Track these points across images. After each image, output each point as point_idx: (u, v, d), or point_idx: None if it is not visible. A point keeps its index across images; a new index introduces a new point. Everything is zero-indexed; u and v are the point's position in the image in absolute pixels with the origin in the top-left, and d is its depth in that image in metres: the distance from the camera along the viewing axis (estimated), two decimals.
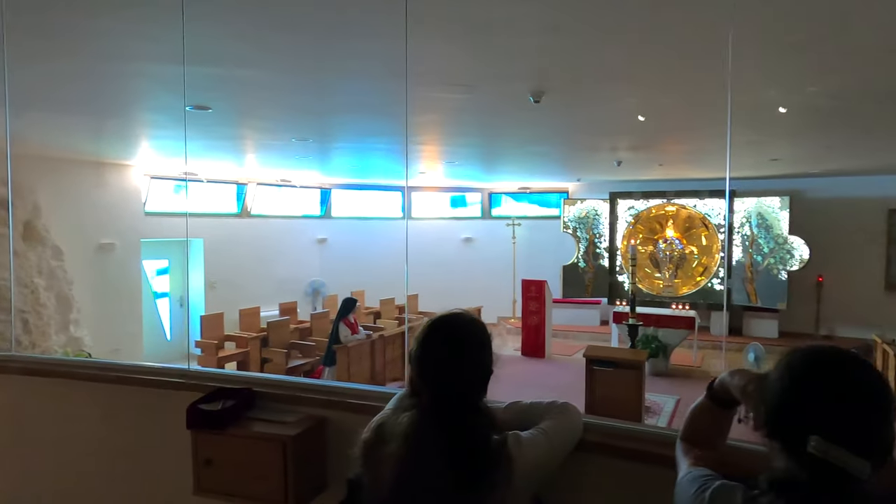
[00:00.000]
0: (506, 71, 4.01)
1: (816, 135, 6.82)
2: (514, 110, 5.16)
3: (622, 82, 4.35)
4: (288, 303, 10.31)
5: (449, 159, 9.21)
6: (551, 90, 4.35)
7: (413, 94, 4.85)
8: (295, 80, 4.27)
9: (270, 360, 7.91)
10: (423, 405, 1.35)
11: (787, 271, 10.55)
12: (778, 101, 5.00)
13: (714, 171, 10.24)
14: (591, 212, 12.31)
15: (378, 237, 13.11)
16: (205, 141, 7.09)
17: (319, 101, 4.98)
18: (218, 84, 4.35)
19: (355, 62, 3.81)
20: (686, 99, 4.93)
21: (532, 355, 10.27)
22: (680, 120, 5.97)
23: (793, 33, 3.21)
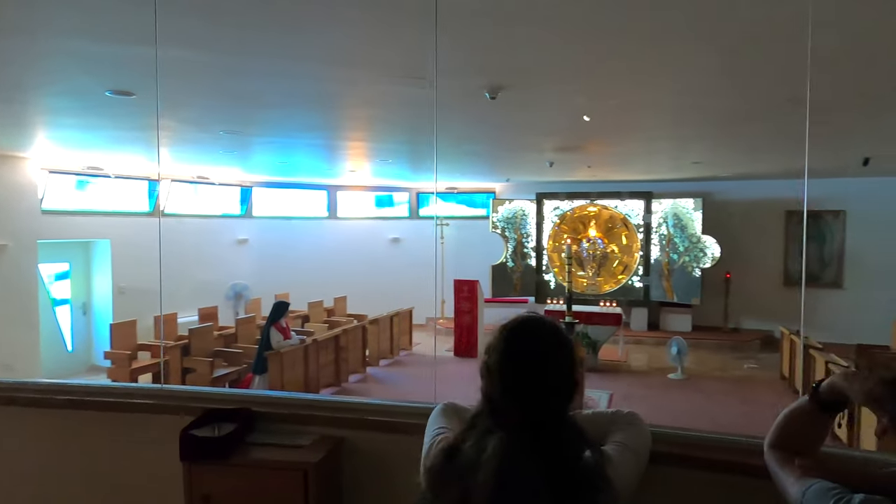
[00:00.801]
0: (461, 65, 3.90)
1: (732, 140, 7.26)
2: (464, 107, 5.06)
3: (571, 82, 4.36)
4: (208, 308, 9.65)
5: (381, 157, 8.98)
6: (506, 87, 4.28)
7: (353, 86, 4.64)
8: (235, 63, 3.90)
9: (194, 369, 7.34)
10: (510, 425, 1.18)
11: (700, 269, 11.20)
12: (697, 108, 5.24)
13: (638, 173, 10.71)
14: (519, 212, 12.49)
15: (302, 237, 12.63)
16: (117, 132, 6.46)
17: (258, 91, 4.64)
18: (144, 66, 3.89)
19: (294, 49, 3.53)
20: (625, 101, 5.04)
21: (465, 355, 10.23)
22: (615, 122, 6.11)
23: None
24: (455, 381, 8.75)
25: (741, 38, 3.29)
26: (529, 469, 1.11)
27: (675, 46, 3.49)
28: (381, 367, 9.57)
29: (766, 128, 6.20)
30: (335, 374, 8.26)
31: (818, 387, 1.25)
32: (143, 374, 7.97)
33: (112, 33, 3.27)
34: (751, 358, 10.40)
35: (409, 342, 10.87)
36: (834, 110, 5.11)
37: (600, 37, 3.35)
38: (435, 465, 1.22)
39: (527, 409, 1.19)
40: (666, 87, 4.52)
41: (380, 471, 1.39)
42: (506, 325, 1.30)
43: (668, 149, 8.15)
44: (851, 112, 5.26)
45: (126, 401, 1.62)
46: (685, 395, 7.96)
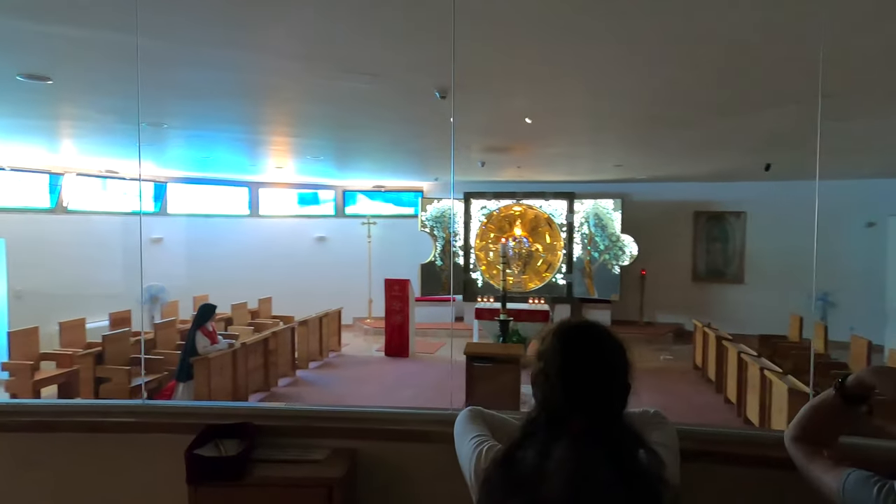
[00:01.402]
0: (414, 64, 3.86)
1: (649, 145, 7.68)
2: (408, 105, 5.01)
3: (507, 85, 4.42)
4: (120, 312, 8.98)
5: (312, 154, 8.73)
6: (457, 86, 4.28)
7: (290, 79, 4.48)
8: (165, 50, 3.61)
9: (109, 379, 6.79)
10: (575, 432, 1.16)
11: (619, 266, 11.76)
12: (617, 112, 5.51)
13: (562, 174, 11.07)
14: (448, 211, 12.56)
15: (222, 236, 12.04)
16: (17, 120, 5.86)
17: (190, 80, 4.35)
18: (64, 48, 3.54)
19: (229, 38, 3.33)
20: (554, 105, 5.19)
21: (396, 355, 10.17)
22: (545, 125, 6.28)
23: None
24: (388, 380, 8.70)
25: (658, 46, 3.48)
26: (605, 475, 1.11)
27: (595, 53, 3.63)
28: (311, 369, 9.31)
29: (679, 134, 6.60)
30: (264, 379, 7.94)
31: (844, 381, 1.33)
32: (46, 387, 7.29)
33: (27, 7, 2.94)
34: (665, 350, 11.05)
35: (338, 343, 10.65)
36: (727, 116, 5.52)
37: (531, 41, 3.42)
38: (493, 477, 1.18)
39: (592, 416, 1.18)
40: (589, 93, 4.69)
41: (399, 482, 1.33)
42: (559, 331, 1.29)
43: (591, 152, 8.50)
44: (753, 119, 5.69)
45: (106, 420, 1.45)
46: None
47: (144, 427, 1.42)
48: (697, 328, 9.33)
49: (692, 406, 7.49)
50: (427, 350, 10.73)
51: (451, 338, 11.42)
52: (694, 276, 12.51)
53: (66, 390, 7.56)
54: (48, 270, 8.86)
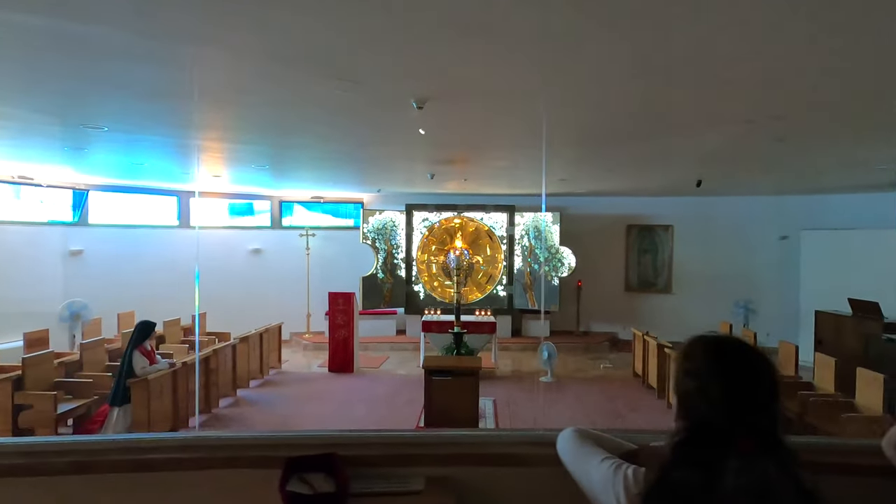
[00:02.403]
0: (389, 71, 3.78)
1: (593, 162, 7.98)
2: (379, 114, 4.92)
3: (465, 97, 4.42)
4: (36, 332, 8.17)
5: (253, 163, 8.38)
6: (433, 97, 4.25)
7: (257, 80, 4.28)
8: (107, 39, 3.29)
9: (30, 406, 6.13)
10: (745, 451, 1.12)
11: (558, 278, 12.07)
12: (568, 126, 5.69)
13: (503, 187, 11.25)
14: (389, 223, 12.44)
15: (149, 248, 11.30)
16: None
17: (127, 78, 4.03)
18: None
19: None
20: (510, 119, 5.26)
21: (340, 371, 9.89)
22: (495, 136, 6.35)
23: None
24: (337, 397, 8.42)
25: (609, 70, 3.63)
26: (787, 494, 1.09)
27: (552, 73, 3.73)
28: (252, 388, 8.87)
29: (623, 150, 6.90)
30: (205, 400, 7.47)
31: None
32: None
33: None
34: (603, 358, 11.42)
35: (278, 360, 10.23)
36: (664, 135, 5.85)
37: (498, 54, 3.44)
38: (659, 500, 1.13)
39: (761, 435, 1.15)
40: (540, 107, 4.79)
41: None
42: (709, 348, 1.25)
43: (537, 166, 8.69)
44: (681, 138, 6.03)
45: (158, 457, 1.26)
46: (559, 396, 8.49)
47: (208, 463, 1.25)
48: (637, 337, 9.70)
49: (638, 412, 7.76)
50: (371, 364, 10.52)
51: (407, 350, 11.29)
52: (626, 286, 13.05)
53: None
54: None
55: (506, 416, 7.46)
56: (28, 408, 6.15)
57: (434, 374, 6.57)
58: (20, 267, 9.09)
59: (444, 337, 9.84)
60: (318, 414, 7.59)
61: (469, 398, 6.51)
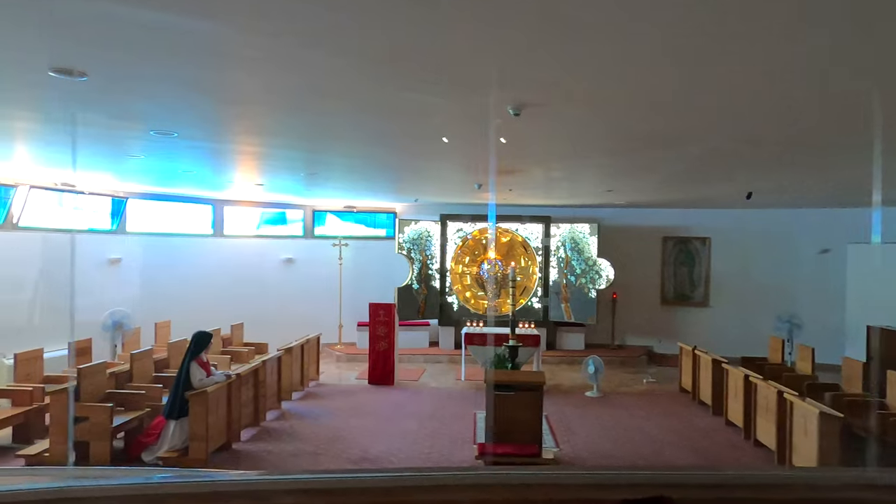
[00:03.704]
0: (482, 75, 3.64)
1: (645, 172, 7.82)
2: (459, 122, 4.79)
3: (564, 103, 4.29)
4: (81, 341, 8.05)
5: (310, 170, 8.25)
6: (530, 103, 4.11)
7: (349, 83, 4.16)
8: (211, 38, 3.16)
9: (86, 418, 5.98)
10: None
11: (595, 290, 11.90)
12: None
13: (545, 198, 11.09)
14: (425, 233, 12.31)
15: (184, 257, 11.20)
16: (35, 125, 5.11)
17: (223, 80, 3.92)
18: (102, 38, 3.01)
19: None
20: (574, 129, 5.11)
21: (380, 383, 9.71)
22: (562, 147, 6.21)
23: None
24: (385, 411, 8.22)
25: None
26: None
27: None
28: (295, 400, 8.70)
29: (681, 161, 6.74)
30: (254, 413, 7.31)
31: None
32: (2, 428, 6.36)
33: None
34: (642, 372, 11.21)
35: (316, 372, 10.06)
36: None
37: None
38: None
39: None
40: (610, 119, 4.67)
41: None
42: None
43: (590, 177, 8.55)
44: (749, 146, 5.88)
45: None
46: (612, 412, 8.29)
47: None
48: (684, 351, 9.50)
49: (697, 430, 7.55)
50: (409, 377, 10.34)
51: (458, 363, 11.11)
52: (662, 299, 12.85)
53: (23, 432, 6.65)
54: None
55: (563, 432, 7.27)
56: (83, 420, 5.99)
57: (498, 389, 6.39)
58: (62, 275, 8.97)
59: (486, 349, 9.67)
60: (369, 428, 7.40)
61: (533, 414, 6.32)
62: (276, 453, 6.41)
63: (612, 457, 6.44)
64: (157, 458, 6.01)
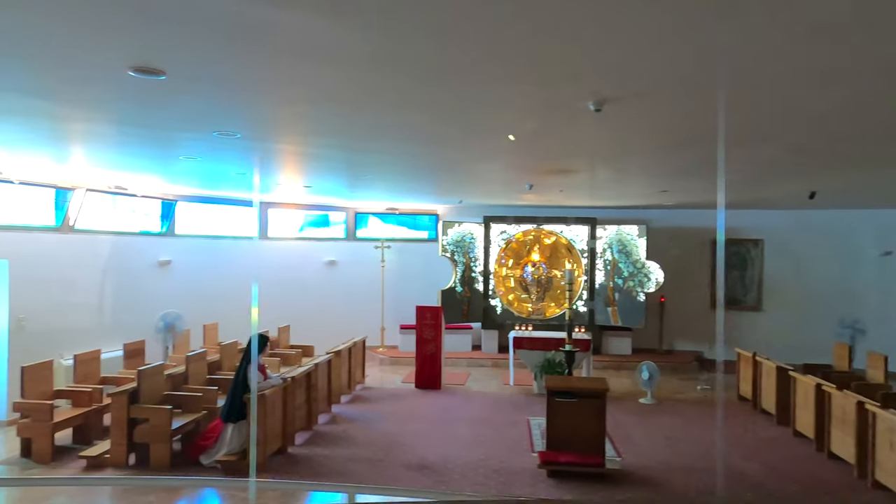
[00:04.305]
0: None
1: (702, 171, 7.50)
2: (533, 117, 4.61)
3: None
4: (134, 343, 8.11)
5: (360, 173, 8.17)
6: (612, 99, 3.92)
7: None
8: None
9: (145, 420, 5.97)
10: None
11: (644, 293, 11.58)
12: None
13: (590, 199, 10.83)
14: (468, 235, 12.17)
15: (230, 259, 11.25)
16: (121, 126, 5.08)
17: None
18: (180, 34, 2.92)
19: None
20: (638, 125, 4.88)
21: (427, 387, 9.59)
22: (622, 146, 5.98)
23: None
24: (435, 416, 8.06)
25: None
26: None
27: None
28: (343, 404, 8.63)
29: (750, 157, 6.42)
30: (307, 417, 7.25)
31: None
32: (63, 430, 6.40)
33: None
34: (693, 378, 10.86)
35: (362, 375, 9.99)
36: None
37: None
38: None
39: None
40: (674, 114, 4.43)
41: None
42: None
43: (642, 177, 8.28)
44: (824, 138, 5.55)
45: None
46: (668, 420, 8.01)
47: None
48: (742, 357, 9.15)
49: (763, 441, 7.22)
50: (455, 381, 10.19)
51: (510, 367, 10.94)
52: (712, 302, 12.45)
53: (83, 434, 6.70)
54: (51, 295, 7.95)
55: (621, 441, 7.02)
56: (143, 422, 6.00)
57: (557, 395, 6.20)
58: (115, 278, 9.08)
59: (535, 354, 9.48)
60: (422, 433, 7.27)
61: (595, 422, 6.11)
62: (333, 458, 6.32)
63: (677, 468, 6.18)
64: (215, 461, 5.97)
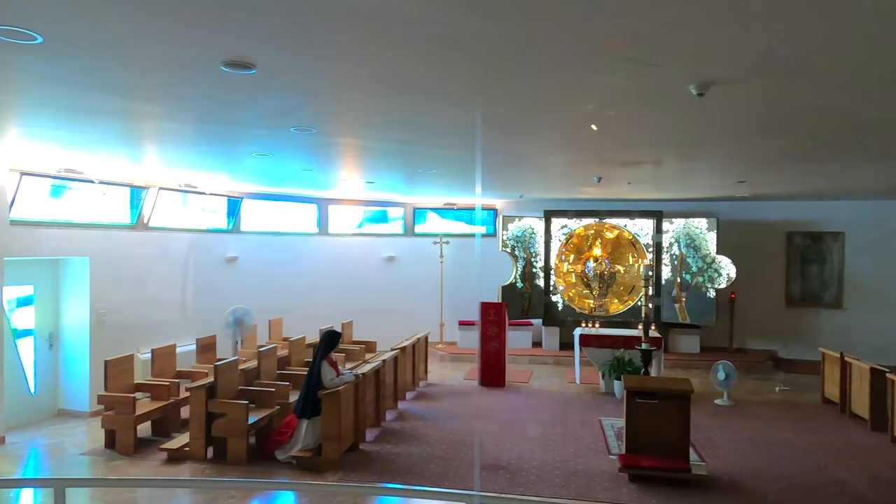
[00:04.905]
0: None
1: (782, 162, 7.04)
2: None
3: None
4: (206, 337, 8.27)
5: (426, 167, 8.05)
6: (719, 81, 3.63)
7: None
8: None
9: (223, 415, 6.05)
10: None
11: (714, 289, 11.08)
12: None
13: (656, 191, 10.40)
14: (529, 230, 11.93)
15: (292, 256, 11.39)
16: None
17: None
18: (272, 27, 2.83)
19: None
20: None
21: (491, 385, 9.44)
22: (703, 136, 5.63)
23: None
24: (503, 414, 7.88)
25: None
26: None
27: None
28: (409, 400, 8.58)
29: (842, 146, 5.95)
30: (375, 414, 7.22)
31: None
32: (142, 423, 6.56)
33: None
34: (769, 379, 10.33)
35: (424, 372, 9.92)
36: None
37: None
38: None
39: None
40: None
41: None
42: None
43: (717, 168, 7.86)
44: None
45: None
46: (749, 423, 7.61)
47: None
48: (828, 357, 8.61)
49: (859, 447, 6.74)
50: (519, 379, 10.00)
51: (577, 365, 10.71)
52: (787, 300, 11.82)
53: (162, 426, 6.85)
54: (128, 291, 8.18)
55: (702, 445, 6.69)
56: (220, 416, 6.06)
57: (637, 396, 5.94)
58: (186, 274, 9.29)
59: (604, 352, 9.19)
60: (492, 432, 7.13)
61: (679, 425, 5.82)
62: (405, 456, 6.25)
63: (768, 476, 5.82)
64: (291, 457, 5.99)
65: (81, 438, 6.78)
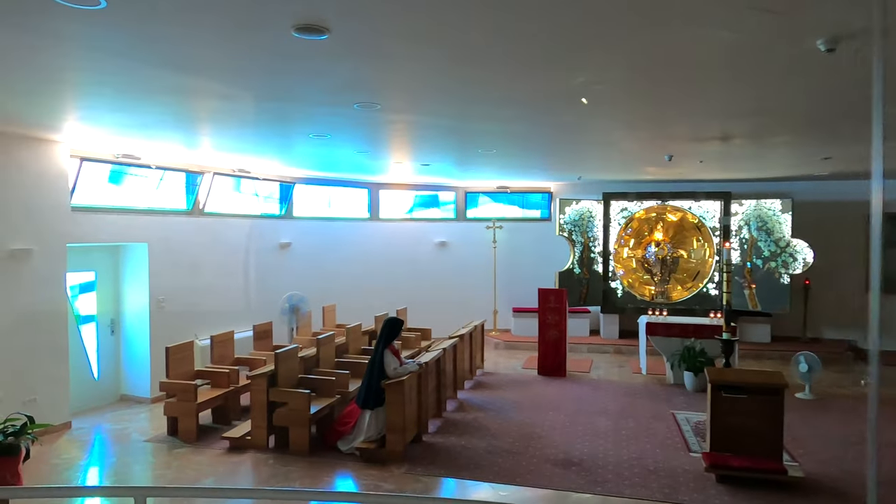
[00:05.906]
0: None
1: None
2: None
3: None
4: (263, 324, 8.18)
5: (485, 148, 7.70)
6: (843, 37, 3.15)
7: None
8: None
9: (284, 404, 5.89)
10: None
11: (789, 275, 10.39)
12: None
13: (722, 171, 9.72)
14: (587, 214, 11.44)
15: (343, 241, 11.23)
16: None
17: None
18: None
19: None
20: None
21: (551, 374, 9.08)
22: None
23: None
24: (568, 406, 7.48)
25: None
26: None
27: None
28: (467, 390, 8.31)
29: None
30: (436, 404, 6.96)
31: None
32: (204, 410, 6.47)
33: None
34: (855, 371, 9.63)
35: (481, 360, 9.63)
36: None
37: None
38: None
39: None
40: None
41: None
42: None
43: (802, 142, 7.23)
44: None
45: None
46: (838, 419, 7.06)
47: None
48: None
49: None
50: (579, 368, 9.60)
51: (645, 356, 10.27)
52: (868, 286, 10.98)
53: (222, 415, 6.77)
54: (185, 277, 8.14)
55: (789, 443, 6.19)
56: (282, 405, 5.91)
57: (724, 390, 5.48)
58: (243, 260, 9.22)
59: (672, 342, 8.70)
60: (558, 424, 6.78)
61: (771, 423, 5.36)
62: (471, 449, 5.97)
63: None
64: (354, 448, 5.79)
65: (144, 425, 6.77)
